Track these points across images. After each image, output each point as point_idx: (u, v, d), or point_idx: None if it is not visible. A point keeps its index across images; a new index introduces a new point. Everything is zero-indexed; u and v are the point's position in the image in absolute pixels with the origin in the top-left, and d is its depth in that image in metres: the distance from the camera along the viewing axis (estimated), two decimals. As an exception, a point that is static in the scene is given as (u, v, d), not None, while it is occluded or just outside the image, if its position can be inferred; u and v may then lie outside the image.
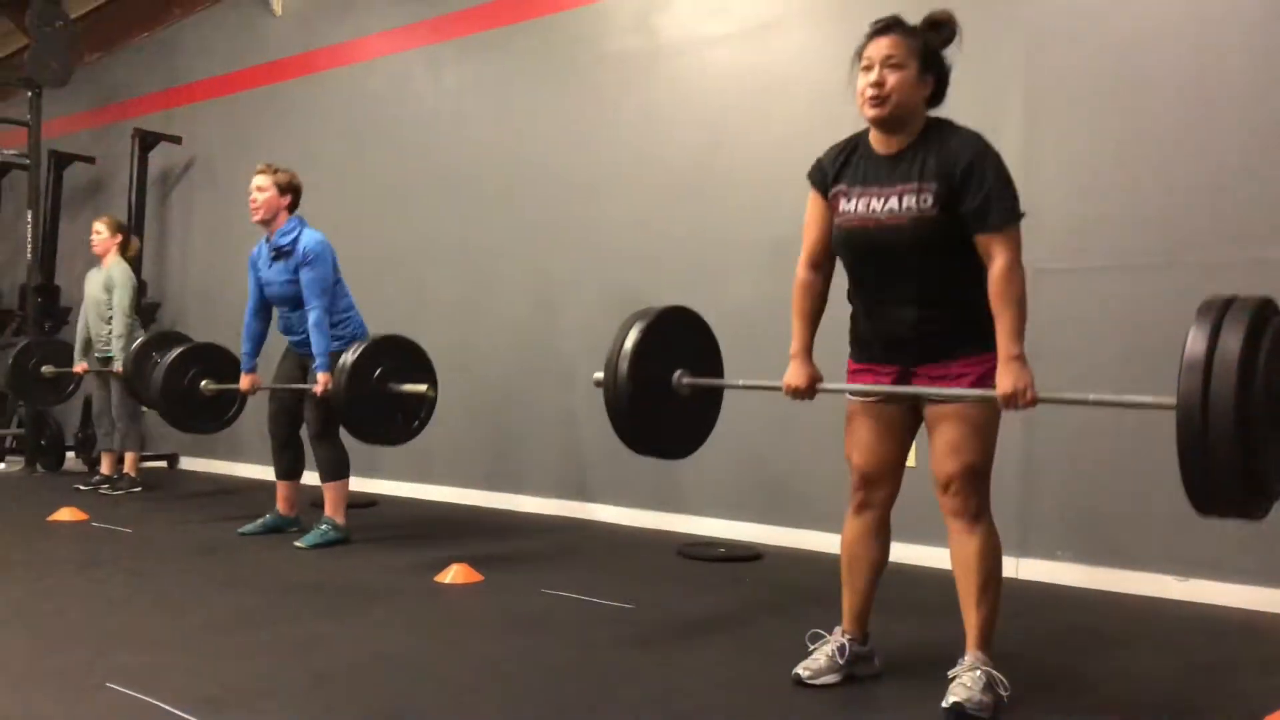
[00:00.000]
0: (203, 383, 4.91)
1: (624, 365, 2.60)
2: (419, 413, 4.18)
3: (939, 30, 2.34)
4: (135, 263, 6.23)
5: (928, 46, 2.32)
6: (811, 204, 2.49)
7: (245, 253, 7.05)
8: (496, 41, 5.74)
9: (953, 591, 2.37)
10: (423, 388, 4.05)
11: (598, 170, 5.27)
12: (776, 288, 4.60)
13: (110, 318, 5.83)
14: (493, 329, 5.68)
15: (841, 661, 2.49)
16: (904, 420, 2.45)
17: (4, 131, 8.70)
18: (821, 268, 2.50)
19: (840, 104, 4.44)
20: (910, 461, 2.51)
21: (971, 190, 2.23)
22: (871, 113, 2.30)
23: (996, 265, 2.22)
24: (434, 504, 5.75)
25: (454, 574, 3.69)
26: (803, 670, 2.48)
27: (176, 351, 4.93)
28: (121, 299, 5.77)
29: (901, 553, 2.75)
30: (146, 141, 7.32)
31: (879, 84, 2.26)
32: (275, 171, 4.34)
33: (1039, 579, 3.75)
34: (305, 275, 4.23)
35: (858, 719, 2.33)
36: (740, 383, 2.78)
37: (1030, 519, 3.80)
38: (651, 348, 2.64)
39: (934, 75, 2.33)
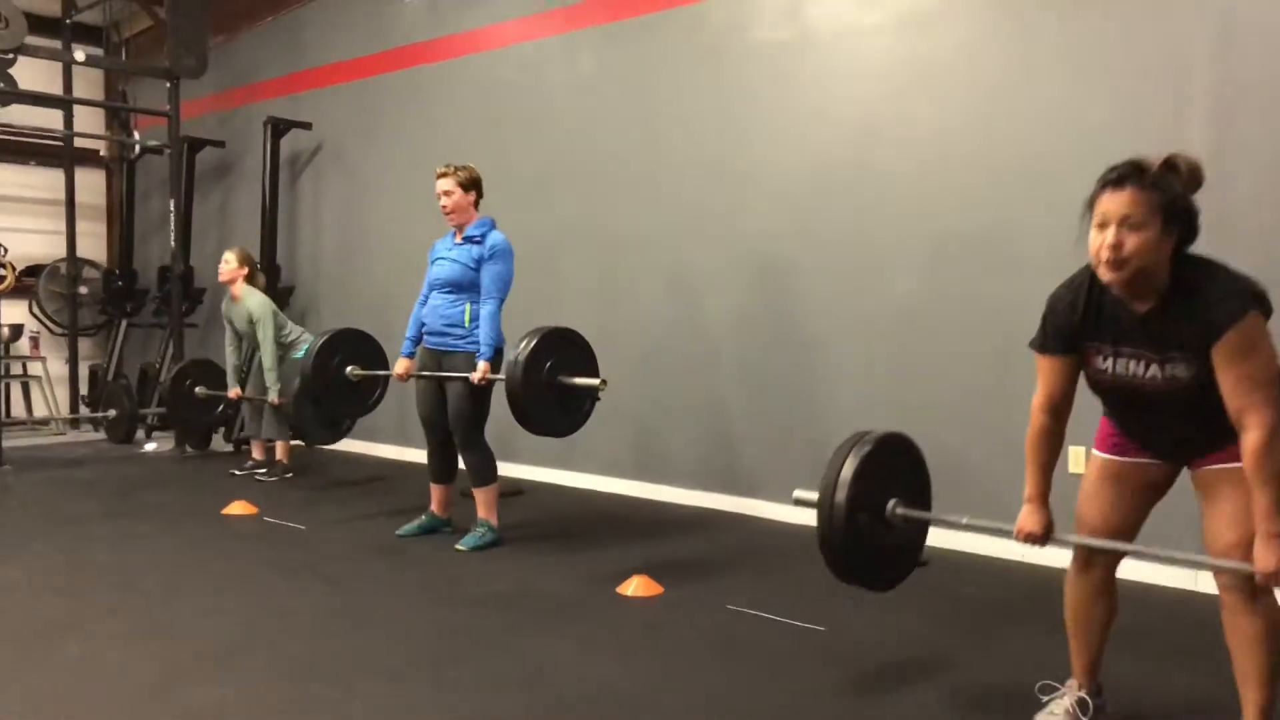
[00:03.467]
0: (348, 368, 4.93)
1: (841, 494, 2.51)
2: (583, 405, 4.26)
3: (1178, 173, 2.12)
4: (266, 287, 6.36)
5: (1169, 198, 2.10)
6: (1045, 365, 2.36)
7: (375, 237, 7.24)
8: (635, 30, 5.68)
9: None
10: (596, 381, 4.14)
11: (742, 163, 5.21)
12: (936, 283, 4.57)
13: (258, 348, 6.04)
14: (631, 319, 5.71)
15: (1085, 718, 2.48)
16: (1158, 481, 2.40)
17: (135, 115, 8.92)
18: (1062, 416, 2.39)
19: (1002, 97, 4.38)
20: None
21: (1227, 367, 2.08)
22: (1109, 276, 2.12)
23: (1252, 437, 2.04)
24: (578, 491, 5.86)
25: (635, 586, 3.78)
26: (1044, 729, 2.49)
27: (323, 338, 4.97)
28: (266, 332, 5.94)
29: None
30: (278, 129, 7.43)
31: (1116, 246, 2.08)
32: (456, 170, 4.39)
33: None
34: (490, 269, 4.33)
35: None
36: (963, 520, 2.62)
37: None
38: (868, 476, 2.56)
39: (1179, 226, 2.12)
